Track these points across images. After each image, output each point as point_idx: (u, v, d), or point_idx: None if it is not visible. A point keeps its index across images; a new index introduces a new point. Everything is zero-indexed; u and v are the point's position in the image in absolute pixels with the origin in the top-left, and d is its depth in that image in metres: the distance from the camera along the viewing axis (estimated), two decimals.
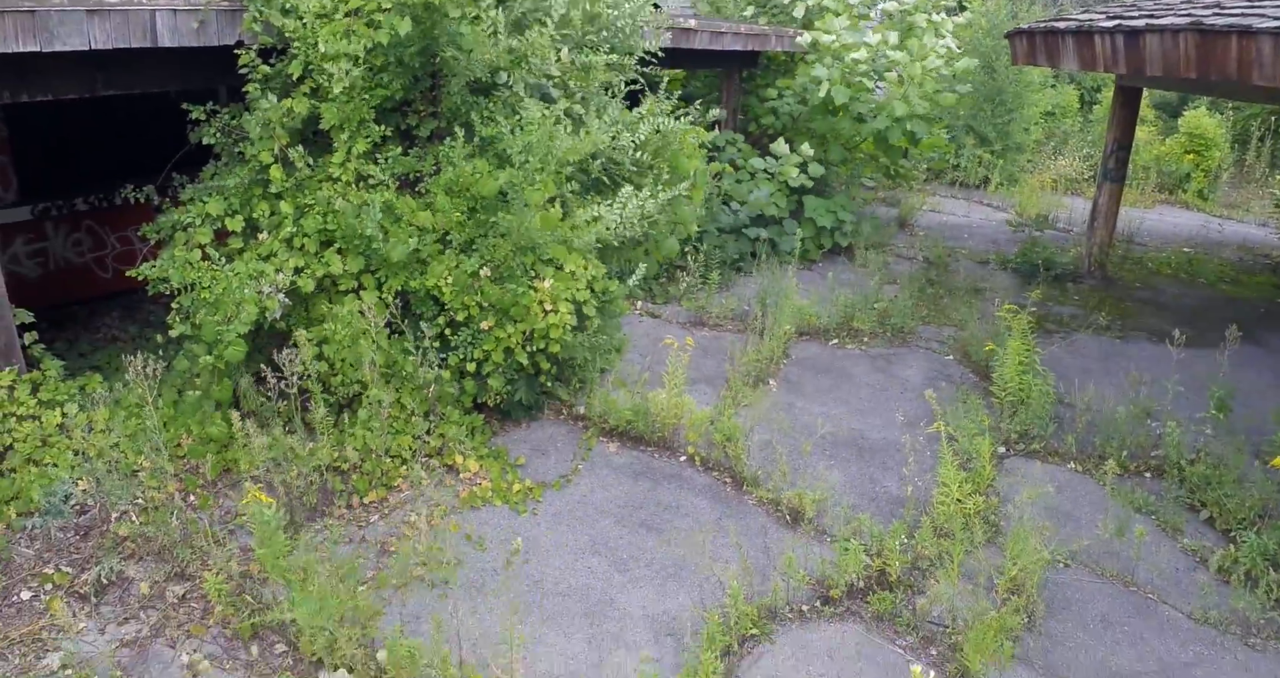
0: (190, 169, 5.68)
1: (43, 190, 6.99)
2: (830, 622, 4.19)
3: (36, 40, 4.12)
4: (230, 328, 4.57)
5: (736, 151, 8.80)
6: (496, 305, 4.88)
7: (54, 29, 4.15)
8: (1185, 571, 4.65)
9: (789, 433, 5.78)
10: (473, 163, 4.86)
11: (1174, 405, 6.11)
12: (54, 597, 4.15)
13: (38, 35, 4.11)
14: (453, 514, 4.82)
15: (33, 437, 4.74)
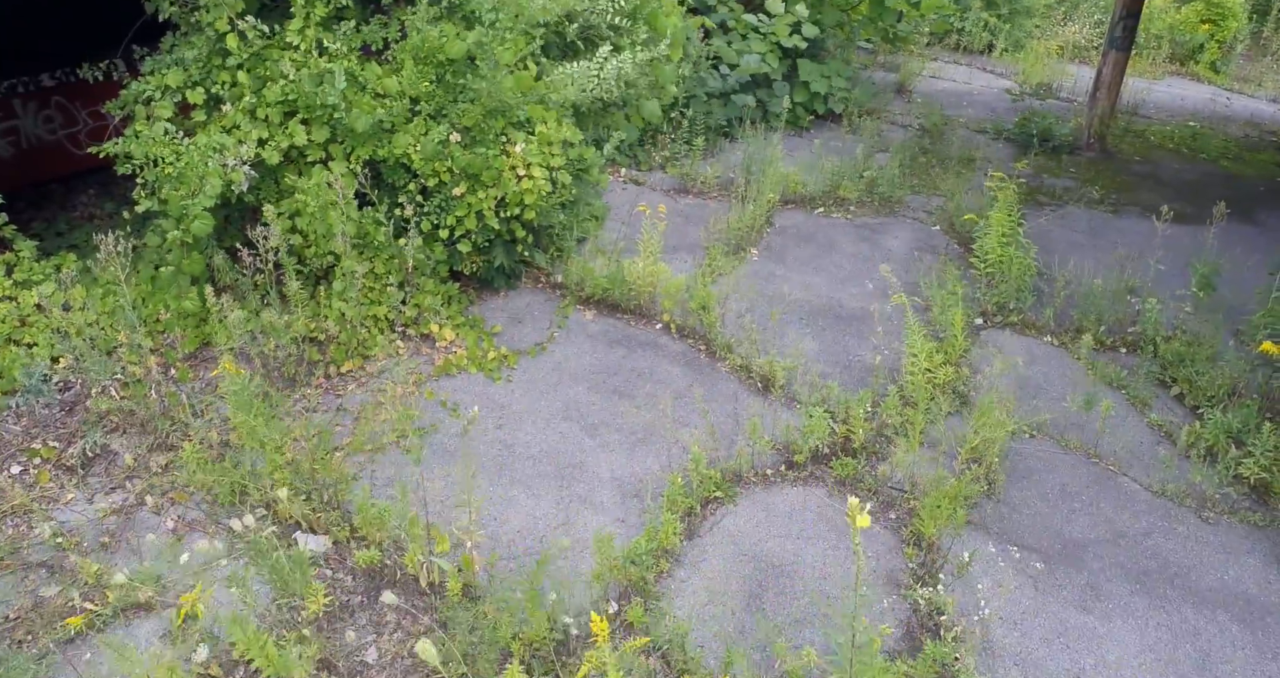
0: (154, 40, 5.40)
1: (6, 67, 6.69)
2: (793, 485, 4.25)
3: None
4: (196, 201, 4.44)
5: (729, 11, 8.33)
6: (467, 171, 4.72)
7: None
8: (1149, 445, 4.66)
9: (767, 301, 5.71)
10: (439, 26, 4.59)
11: (1158, 282, 6.00)
12: (42, 470, 4.23)
13: None
14: (429, 382, 4.83)
15: (10, 318, 4.71)
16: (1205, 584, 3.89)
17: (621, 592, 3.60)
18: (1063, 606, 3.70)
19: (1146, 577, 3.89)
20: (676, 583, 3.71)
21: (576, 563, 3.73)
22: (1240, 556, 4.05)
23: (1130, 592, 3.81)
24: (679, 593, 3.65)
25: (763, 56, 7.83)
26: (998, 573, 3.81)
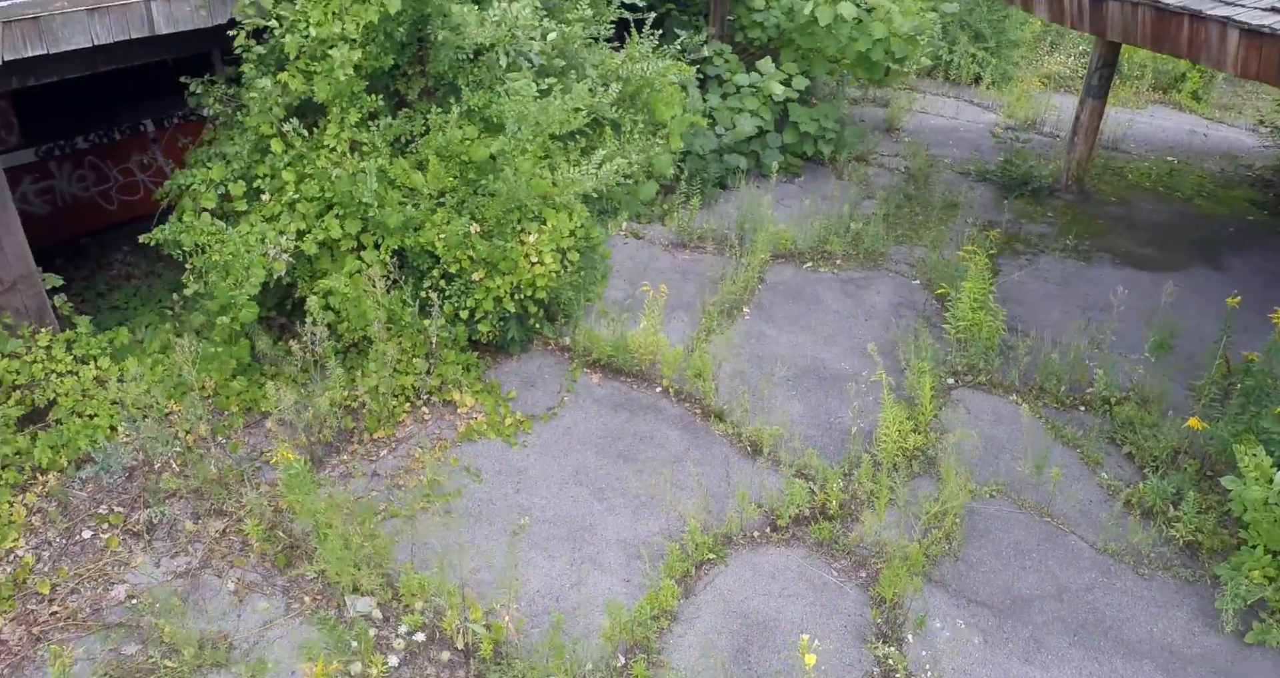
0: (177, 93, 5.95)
1: (45, 132, 7.31)
2: (777, 547, 4.96)
3: (43, 43, 4.46)
4: (242, 291, 5.11)
5: (724, 63, 8.97)
6: (487, 259, 5.40)
7: (58, 32, 4.47)
8: (1098, 504, 5.37)
9: (757, 362, 6.41)
10: (462, 128, 5.25)
11: (1120, 337, 6.71)
12: (112, 536, 4.92)
13: (44, 38, 4.44)
14: (452, 448, 5.53)
15: (74, 391, 5.37)
16: (1136, 636, 4.60)
17: (628, 648, 4.31)
18: (1008, 657, 4.41)
19: (1084, 630, 4.61)
20: (674, 638, 4.41)
21: (589, 620, 4.44)
22: (1170, 609, 4.76)
23: (1069, 644, 4.52)
24: (676, 648, 4.36)
25: (755, 112, 8.49)
26: (953, 628, 4.52)
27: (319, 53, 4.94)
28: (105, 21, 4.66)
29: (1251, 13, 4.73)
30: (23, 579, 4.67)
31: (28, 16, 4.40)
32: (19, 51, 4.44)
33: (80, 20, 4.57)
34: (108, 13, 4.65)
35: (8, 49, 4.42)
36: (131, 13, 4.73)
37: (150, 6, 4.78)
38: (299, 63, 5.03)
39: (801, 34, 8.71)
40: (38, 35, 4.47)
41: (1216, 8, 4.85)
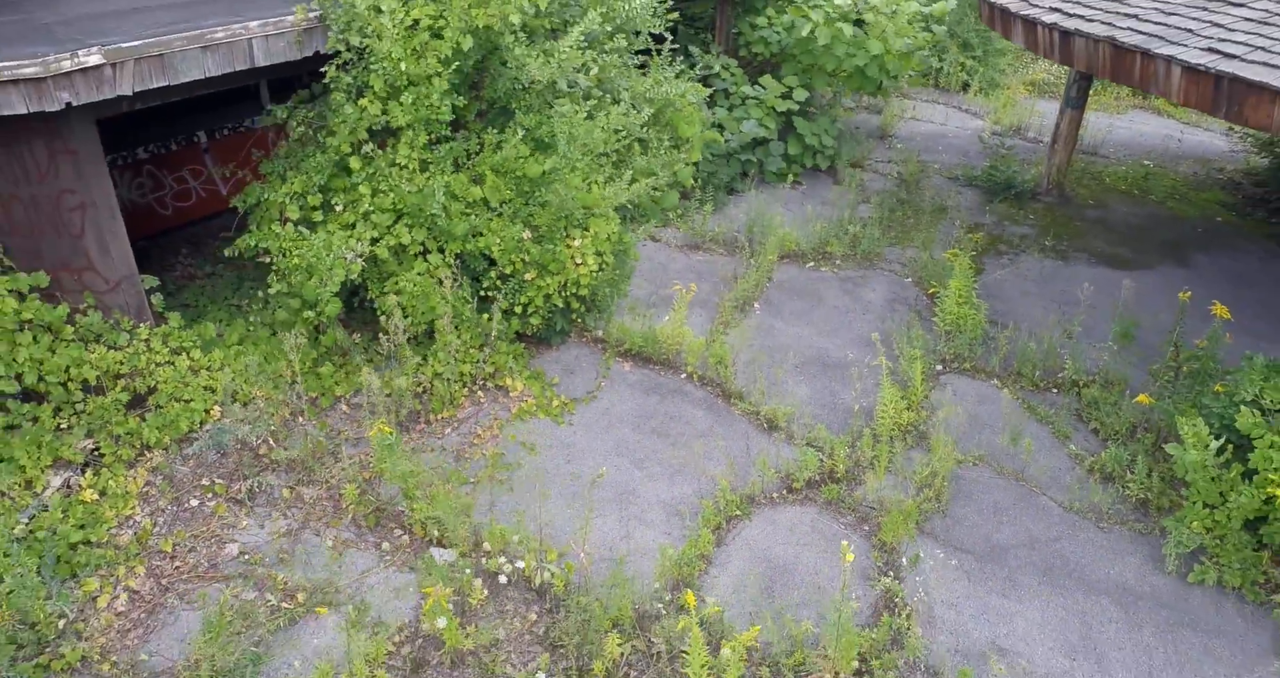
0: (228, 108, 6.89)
1: (109, 145, 8.31)
2: (793, 506, 6.10)
3: (165, 76, 5.51)
4: (326, 289, 6.18)
5: (730, 76, 10.12)
6: (538, 261, 6.50)
7: (178, 66, 5.52)
8: (1066, 470, 6.54)
9: (769, 352, 7.55)
10: (516, 146, 6.35)
11: (1090, 328, 7.92)
12: (217, 503, 5.97)
13: (166, 72, 5.50)
14: (508, 426, 6.62)
15: (172, 379, 6.42)
16: (1095, 577, 5.76)
17: (674, 584, 5.42)
18: (988, 593, 5.56)
19: (1052, 572, 5.76)
20: (711, 579, 5.52)
21: (639, 565, 5.54)
22: (1124, 556, 5.93)
23: (1039, 583, 5.67)
24: (713, 587, 5.47)
25: (759, 120, 9.65)
26: (942, 569, 5.66)
27: (400, 84, 6.03)
28: (216, 57, 5.72)
29: (1191, 52, 5.90)
30: (145, 540, 5.71)
31: (153, 54, 5.44)
32: (146, 84, 5.49)
33: (196, 57, 5.63)
34: (218, 49, 5.70)
35: (137, 82, 5.46)
36: (237, 49, 5.79)
37: (253, 43, 5.84)
38: (379, 91, 6.11)
39: (802, 50, 9.86)
40: (161, 70, 5.51)
41: (1164, 47, 6.02)
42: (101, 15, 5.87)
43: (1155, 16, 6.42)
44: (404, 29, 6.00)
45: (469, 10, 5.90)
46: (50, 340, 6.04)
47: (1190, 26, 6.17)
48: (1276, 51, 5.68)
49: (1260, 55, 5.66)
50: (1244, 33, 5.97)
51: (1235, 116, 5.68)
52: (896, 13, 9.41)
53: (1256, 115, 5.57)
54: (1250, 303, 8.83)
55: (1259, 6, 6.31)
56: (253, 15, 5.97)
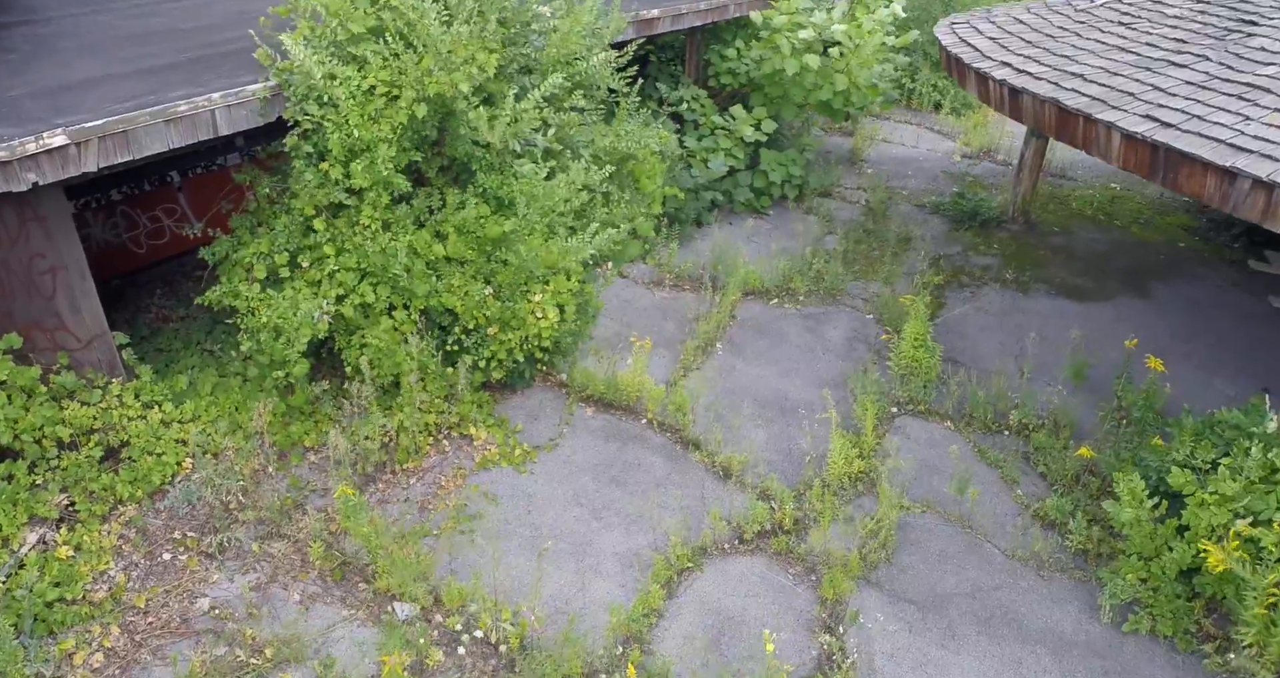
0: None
1: (84, 188, 8.50)
2: (744, 556, 6.36)
3: (129, 151, 5.71)
4: (293, 349, 6.41)
5: (699, 107, 10.31)
6: (500, 318, 6.73)
7: (142, 141, 5.71)
8: (1011, 516, 6.81)
9: (729, 395, 7.80)
10: (477, 207, 6.56)
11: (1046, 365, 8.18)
12: (189, 557, 6.22)
13: (130, 148, 5.69)
14: (471, 476, 6.87)
15: (144, 433, 6.65)
16: (1033, 626, 6.04)
17: (625, 640, 5.69)
18: (927, 644, 5.84)
19: (991, 621, 6.05)
20: (661, 631, 5.79)
21: (593, 618, 5.81)
22: (1063, 604, 6.21)
23: (978, 633, 5.96)
24: (663, 639, 5.74)
25: (728, 151, 9.85)
26: (885, 620, 5.94)
27: (359, 148, 6.24)
28: (179, 129, 5.91)
29: (1131, 118, 6.12)
30: (119, 596, 5.96)
31: (118, 131, 5.63)
32: (110, 160, 5.68)
33: (159, 131, 5.82)
34: (180, 122, 5.88)
35: (101, 159, 5.65)
36: (200, 120, 5.98)
37: (215, 114, 6.04)
38: (338, 155, 6.32)
39: (769, 82, 10.06)
40: (125, 146, 5.70)
41: (1105, 112, 6.23)
42: (68, 86, 6.06)
43: (1101, 77, 6.64)
44: (361, 94, 6.20)
45: (421, 79, 6.10)
46: (24, 400, 6.27)
47: (1132, 89, 6.39)
48: (1211, 120, 5.91)
49: (1195, 124, 5.89)
50: (1183, 98, 6.19)
51: (1171, 184, 5.92)
52: (860, 46, 9.60)
53: (1190, 185, 5.81)
54: (1204, 334, 9.11)
55: (1200, 69, 6.53)
56: (216, 83, 6.15)
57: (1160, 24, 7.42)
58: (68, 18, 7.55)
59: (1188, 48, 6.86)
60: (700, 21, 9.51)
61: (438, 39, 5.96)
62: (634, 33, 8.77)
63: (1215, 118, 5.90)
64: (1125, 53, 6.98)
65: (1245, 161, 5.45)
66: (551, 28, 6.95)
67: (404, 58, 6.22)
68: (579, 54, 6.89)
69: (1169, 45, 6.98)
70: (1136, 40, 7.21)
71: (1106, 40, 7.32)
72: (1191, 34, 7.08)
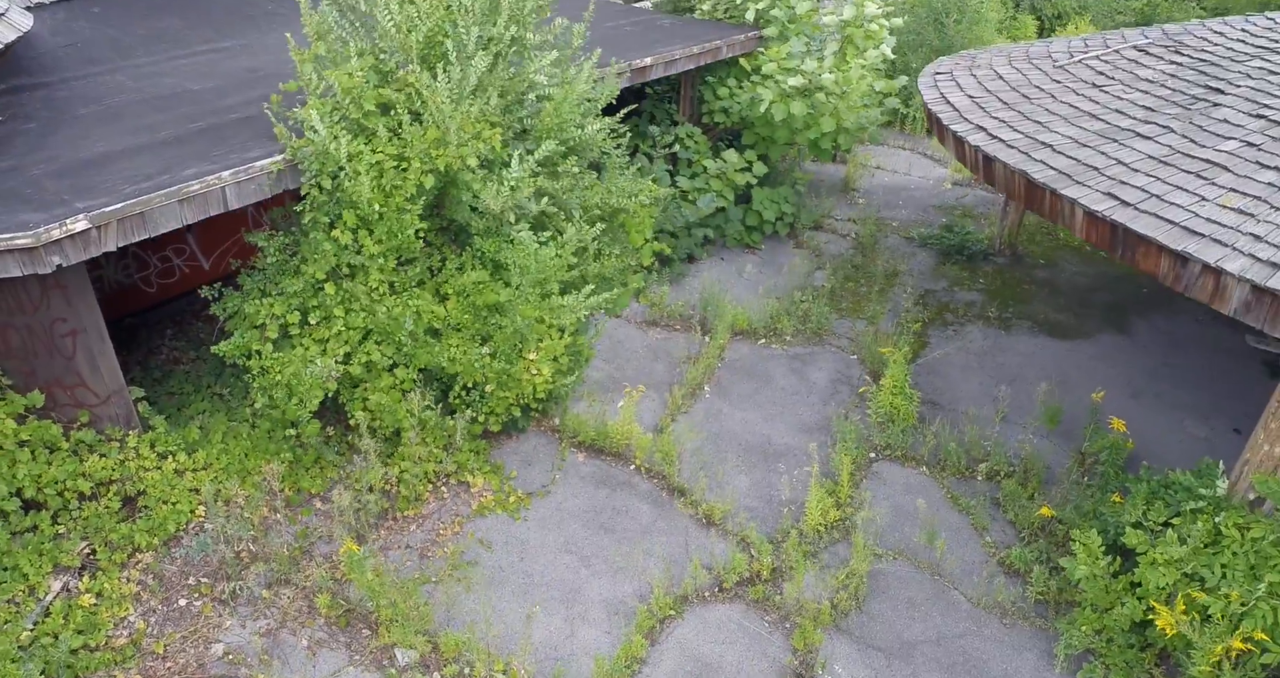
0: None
1: None
2: (722, 604, 6.83)
3: (146, 230, 6.15)
4: (304, 409, 6.87)
5: (693, 145, 10.70)
6: (497, 377, 7.18)
7: (157, 221, 6.16)
8: (979, 564, 7.26)
9: (714, 440, 8.26)
10: (475, 273, 7.00)
11: (1023, 407, 8.61)
12: (204, 603, 6.71)
13: (146, 227, 6.13)
14: (468, 523, 7.35)
15: (159, 483, 7.14)
16: (993, 674, 6.50)
17: None
18: None
19: (954, 668, 6.51)
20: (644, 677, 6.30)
21: (580, 665, 6.30)
22: (1023, 652, 6.67)
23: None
24: None
25: (719, 193, 10.25)
26: (852, 668, 6.42)
27: (371, 218, 6.67)
28: (192, 207, 6.35)
29: (1093, 196, 6.50)
30: (139, 642, 6.46)
31: (135, 213, 6.07)
32: (128, 239, 6.12)
33: (173, 210, 6.26)
34: (193, 200, 6.33)
35: (120, 239, 6.10)
36: (212, 197, 6.42)
37: (226, 191, 6.48)
38: (350, 224, 6.75)
39: (760, 123, 10.43)
40: (142, 226, 6.15)
41: (1069, 187, 6.62)
42: (87, 163, 6.49)
43: (1069, 148, 7.02)
44: (373, 167, 6.63)
45: (429, 151, 6.53)
46: (47, 455, 6.75)
47: (1097, 163, 6.78)
48: (1169, 199, 6.30)
49: (1153, 203, 6.28)
50: (1144, 174, 6.58)
51: (1129, 261, 6.32)
52: (847, 93, 9.97)
53: (1146, 263, 6.21)
54: (1180, 372, 9.52)
55: (1164, 141, 6.91)
56: (227, 158, 6.58)
57: (1132, 88, 7.78)
58: (82, 79, 7.97)
59: (1154, 117, 7.23)
60: (693, 65, 9.88)
61: (447, 116, 6.37)
62: (628, 82, 9.16)
63: (1172, 197, 6.30)
64: (1095, 121, 7.36)
65: (1196, 246, 5.86)
66: (547, 94, 7.36)
67: (410, 131, 6.65)
68: (574, 121, 7.30)
69: (1138, 113, 7.35)
70: (1108, 106, 7.58)
71: (1079, 104, 7.68)
72: (1159, 102, 7.45)
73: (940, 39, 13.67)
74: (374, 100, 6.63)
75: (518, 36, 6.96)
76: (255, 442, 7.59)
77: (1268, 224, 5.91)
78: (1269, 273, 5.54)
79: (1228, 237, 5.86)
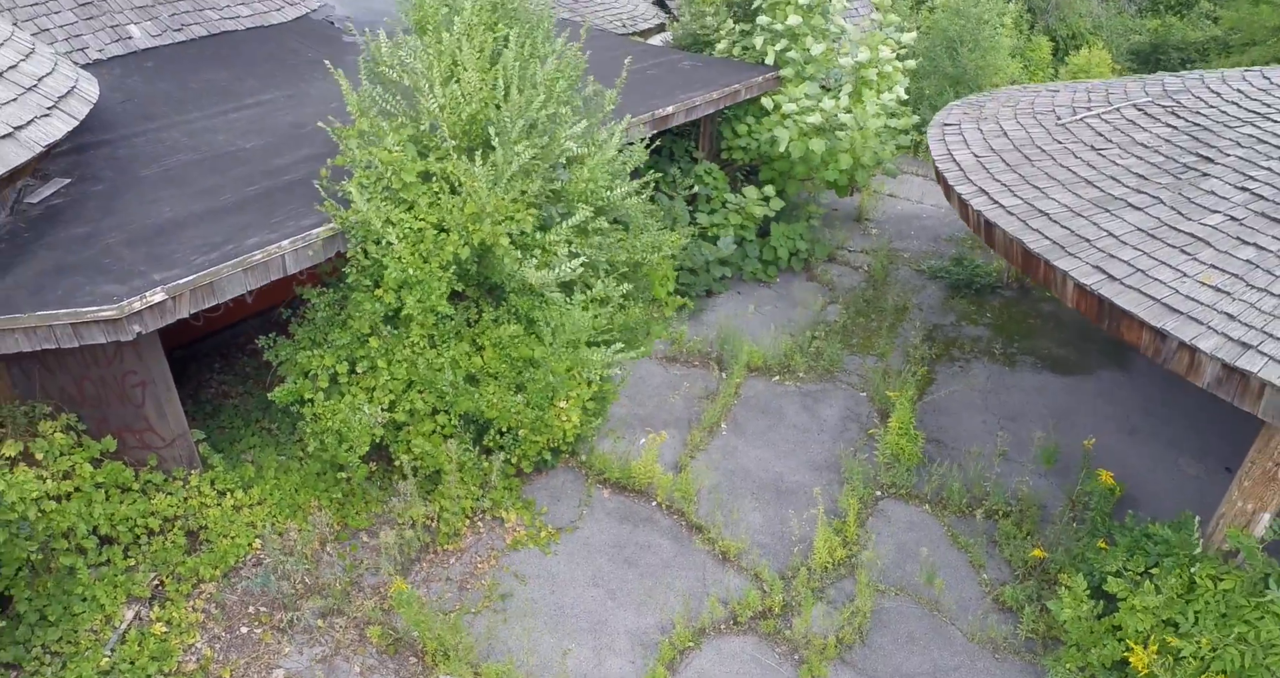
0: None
1: None
2: (737, 636, 7.60)
3: (214, 298, 6.90)
4: (354, 454, 7.65)
5: (712, 181, 11.38)
6: (530, 423, 7.94)
7: (225, 289, 6.91)
8: (976, 600, 8.00)
9: (730, 476, 9.01)
10: (511, 327, 7.74)
11: (1024, 445, 9.33)
12: (264, 631, 7.52)
13: (215, 294, 6.88)
14: (503, 557, 8.13)
15: (219, 519, 7.94)
16: None
17: None
18: None
19: None
20: None
21: None
22: None
23: None
24: None
25: (738, 227, 10.96)
26: None
27: (411, 282, 7.41)
28: (255, 274, 7.09)
29: (1083, 268, 7.15)
30: (207, 667, 7.27)
31: (205, 283, 6.83)
32: (199, 306, 6.88)
33: (239, 278, 7.00)
34: (256, 269, 7.07)
35: (191, 306, 6.86)
36: (273, 265, 7.16)
37: (285, 258, 7.22)
38: (391, 285, 7.49)
39: (778, 159, 11.10)
40: (211, 294, 6.90)
41: (1061, 259, 7.29)
42: (155, 230, 7.22)
43: (1064, 217, 7.69)
44: (413, 233, 7.36)
45: (466, 225, 7.26)
46: (120, 495, 7.56)
47: (1089, 234, 7.45)
48: (1153, 274, 6.96)
49: (1138, 278, 6.96)
50: (1132, 248, 7.25)
51: (1114, 332, 7.00)
52: (865, 128, 10.62)
53: (1129, 335, 6.90)
54: (1177, 409, 10.20)
55: (1153, 212, 7.57)
56: (285, 225, 7.31)
57: (1128, 152, 8.43)
58: (141, 136, 8.71)
59: (1146, 186, 7.88)
60: (712, 109, 10.54)
61: (484, 199, 7.10)
62: (650, 130, 9.85)
63: (1157, 272, 6.97)
64: (1091, 187, 8.01)
65: (1174, 324, 6.53)
66: (578, 159, 8.06)
67: (449, 202, 7.38)
68: (604, 184, 8.01)
69: (1131, 180, 8.01)
70: (1104, 171, 8.23)
71: (1077, 169, 8.33)
72: (1153, 169, 8.09)
73: (954, 66, 14.26)
74: (412, 172, 7.34)
75: (554, 113, 7.66)
76: (305, 478, 8.38)
77: (1242, 302, 6.58)
78: (1239, 352, 6.22)
79: (1204, 315, 6.53)
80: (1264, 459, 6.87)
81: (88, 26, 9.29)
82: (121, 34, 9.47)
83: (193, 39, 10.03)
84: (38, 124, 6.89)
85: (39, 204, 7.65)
